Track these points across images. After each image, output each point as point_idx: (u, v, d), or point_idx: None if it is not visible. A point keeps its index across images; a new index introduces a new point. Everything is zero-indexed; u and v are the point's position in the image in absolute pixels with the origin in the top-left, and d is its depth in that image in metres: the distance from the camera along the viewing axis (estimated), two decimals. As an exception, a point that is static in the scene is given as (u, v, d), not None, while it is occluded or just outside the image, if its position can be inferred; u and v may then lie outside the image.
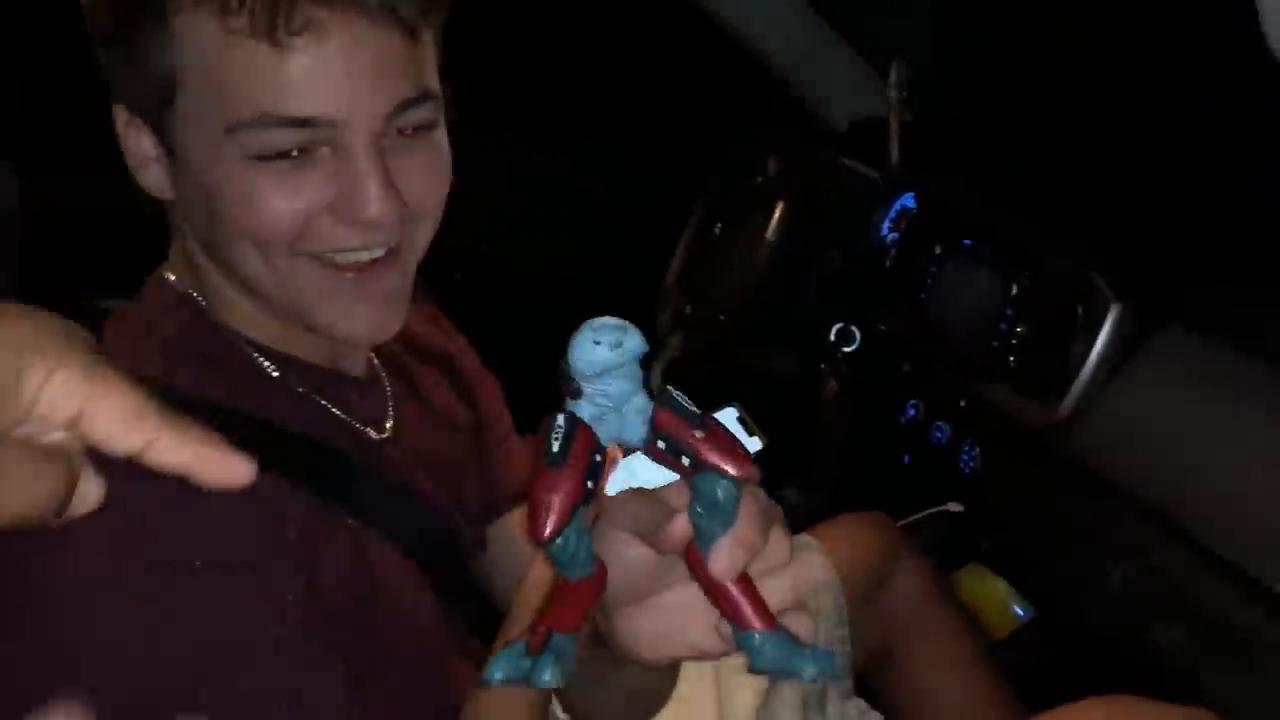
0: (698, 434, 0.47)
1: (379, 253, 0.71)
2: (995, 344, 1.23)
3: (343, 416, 0.78)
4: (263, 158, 0.66)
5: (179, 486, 0.60)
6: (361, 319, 0.72)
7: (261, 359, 0.75)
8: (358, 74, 0.65)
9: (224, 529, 0.63)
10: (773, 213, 1.55)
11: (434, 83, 0.71)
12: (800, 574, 0.49)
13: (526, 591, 0.71)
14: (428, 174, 0.71)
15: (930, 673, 1.21)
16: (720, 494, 0.46)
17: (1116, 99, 1.37)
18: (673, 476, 0.48)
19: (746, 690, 0.97)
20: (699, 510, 0.46)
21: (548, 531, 0.45)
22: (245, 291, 0.73)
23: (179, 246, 0.77)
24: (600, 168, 2.54)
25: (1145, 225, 1.24)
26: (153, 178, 0.72)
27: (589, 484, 0.46)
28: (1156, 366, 1.07)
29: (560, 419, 0.47)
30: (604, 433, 0.47)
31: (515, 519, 1.01)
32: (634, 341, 0.47)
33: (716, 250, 1.72)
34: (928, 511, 1.38)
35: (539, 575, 0.70)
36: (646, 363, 0.48)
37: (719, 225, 1.74)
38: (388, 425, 0.82)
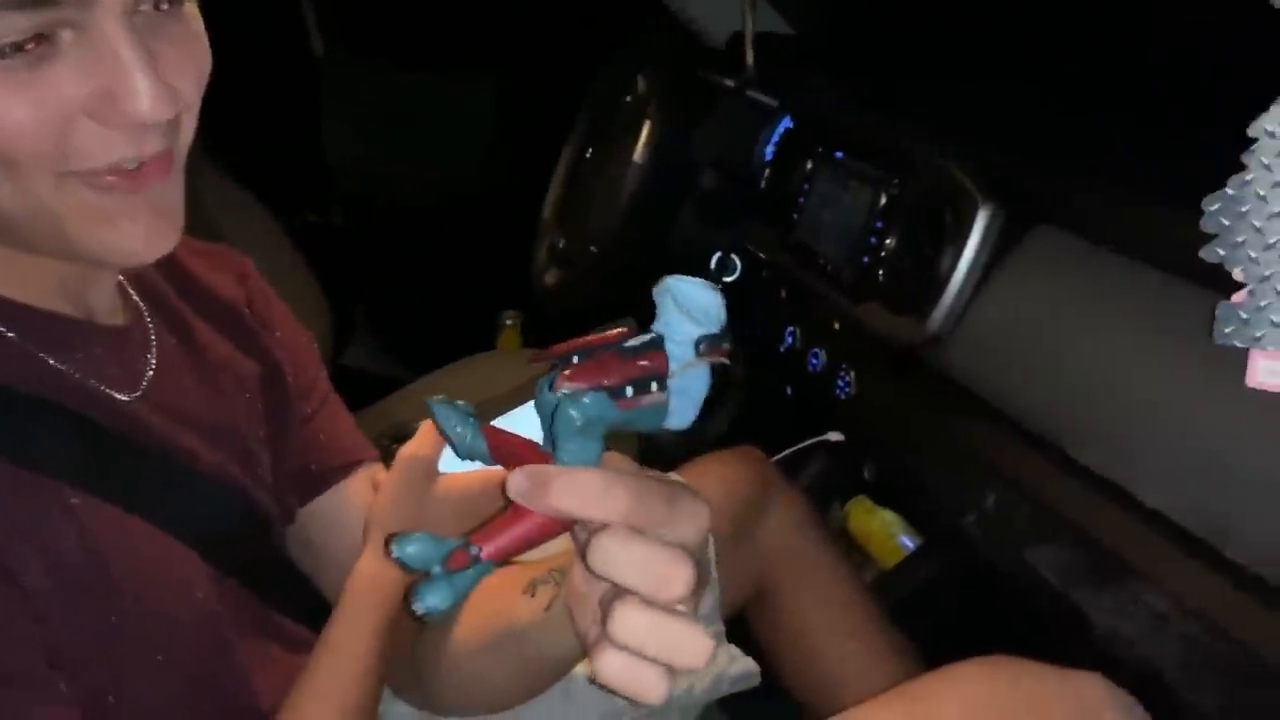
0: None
1: (150, 158, 0.59)
2: (865, 260, 1.15)
3: (74, 375, 0.66)
4: None
5: None
6: (140, 237, 0.60)
7: None
8: None
9: None
10: (639, 133, 1.45)
11: None
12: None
13: None
14: (189, 55, 0.60)
15: (806, 610, 1.15)
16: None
17: (991, 12, 1.29)
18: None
19: None
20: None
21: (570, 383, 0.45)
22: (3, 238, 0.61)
23: None
24: (479, 96, 2.41)
25: (1016, 128, 1.16)
26: None
27: (628, 390, 0.47)
28: (1028, 271, 1.00)
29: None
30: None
31: (351, 491, 0.89)
32: None
33: (587, 178, 1.62)
34: (807, 442, 1.31)
35: None
36: None
37: (590, 151, 1.64)
38: (143, 383, 0.71)
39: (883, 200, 1.14)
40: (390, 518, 0.79)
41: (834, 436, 1.30)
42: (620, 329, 0.51)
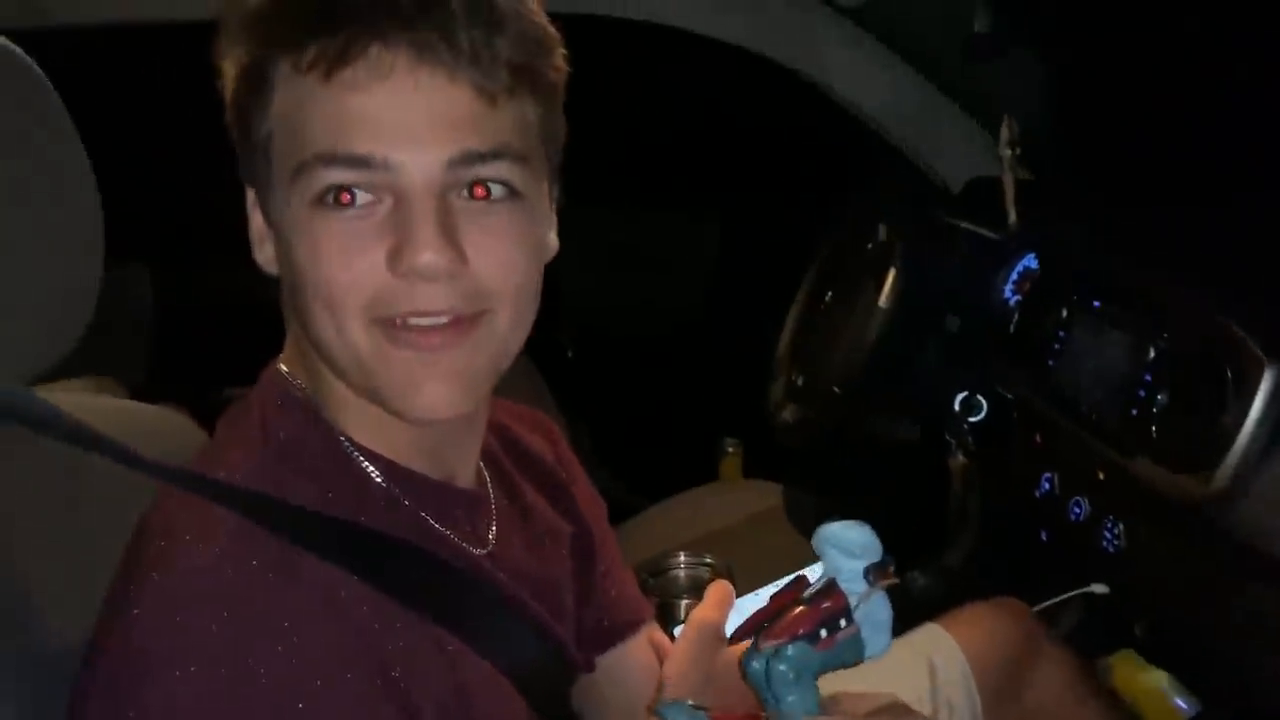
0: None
1: (442, 320, 0.67)
2: (1134, 412, 1.13)
3: (445, 531, 0.75)
4: (324, 204, 0.65)
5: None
6: (426, 393, 0.67)
7: (368, 465, 0.72)
8: (419, 117, 0.64)
9: (324, 665, 0.60)
10: (885, 279, 1.49)
11: (516, 143, 0.68)
12: None
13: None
14: (501, 241, 0.67)
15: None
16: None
17: (1239, 143, 1.27)
18: None
19: None
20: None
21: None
22: (335, 374, 0.71)
23: (291, 333, 0.76)
24: (711, 236, 2.53)
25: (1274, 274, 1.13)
26: (265, 254, 0.73)
27: (822, 631, 0.56)
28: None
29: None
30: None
31: (632, 650, 0.97)
32: None
33: (829, 319, 1.67)
34: (1070, 594, 1.27)
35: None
36: None
37: (830, 293, 1.69)
38: (490, 539, 0.79)
39: (1151, 353, 1.13)
40: (683, 678, 0.84)
41: (1098, 589, 1.26)
42: (794, 579, 0.60)
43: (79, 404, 0.73)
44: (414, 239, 0.64)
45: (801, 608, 0.57)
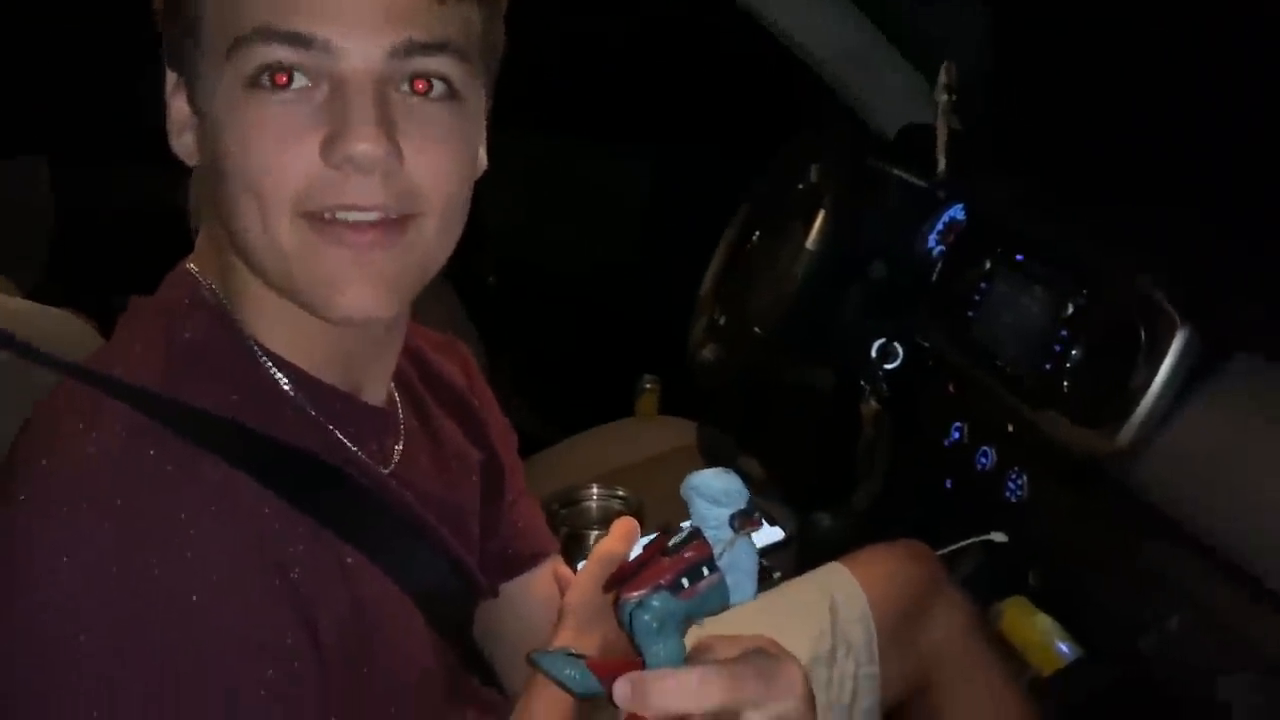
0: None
1: (372, 216, 0.64)
2: (1048, 366, 1.15)
3: (351, 446, 0.72)
4: (259, 85, 0.62)
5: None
6: (353, 294, 0.65)
7: (276, 373, 0.70)
8: (365, 1, 0.62)
9: (222, 564, 0.58)
10: (813, 221, 1.48)
11: (459, 40, 0.65)
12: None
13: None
14: (438, 144, 0.65)
15: (967, 714, 1.14)
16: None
17: (1180, 108, 1.29)
18: None
19: None
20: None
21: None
22: (253, 272, 0.68)
23: (205, 232, 0.72)
24: (639, 171, 2.49)
25: (1209, 242, 1.16)
26: (184, 143, 0.69)
27: (684, 581, 0.56)
28: (1223, 395, 0.99)
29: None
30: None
31: (535, 581, 0.96)
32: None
33: (754, 259, 1.66)
34: (970, 540, 1.31)
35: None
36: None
37: (757, 233, 1.68)
38: (394, 458, 0.77)
39: (1069, 309, 1.14)
40: (583, 607, 0.83)
41: (998, 537, 1.30)
42: (662, 530, 0.59)
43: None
44: (350, 127, 0.61)
45: (664, 559, 0.57)
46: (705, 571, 0.57)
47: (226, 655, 0.57)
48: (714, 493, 0.59)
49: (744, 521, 0.58)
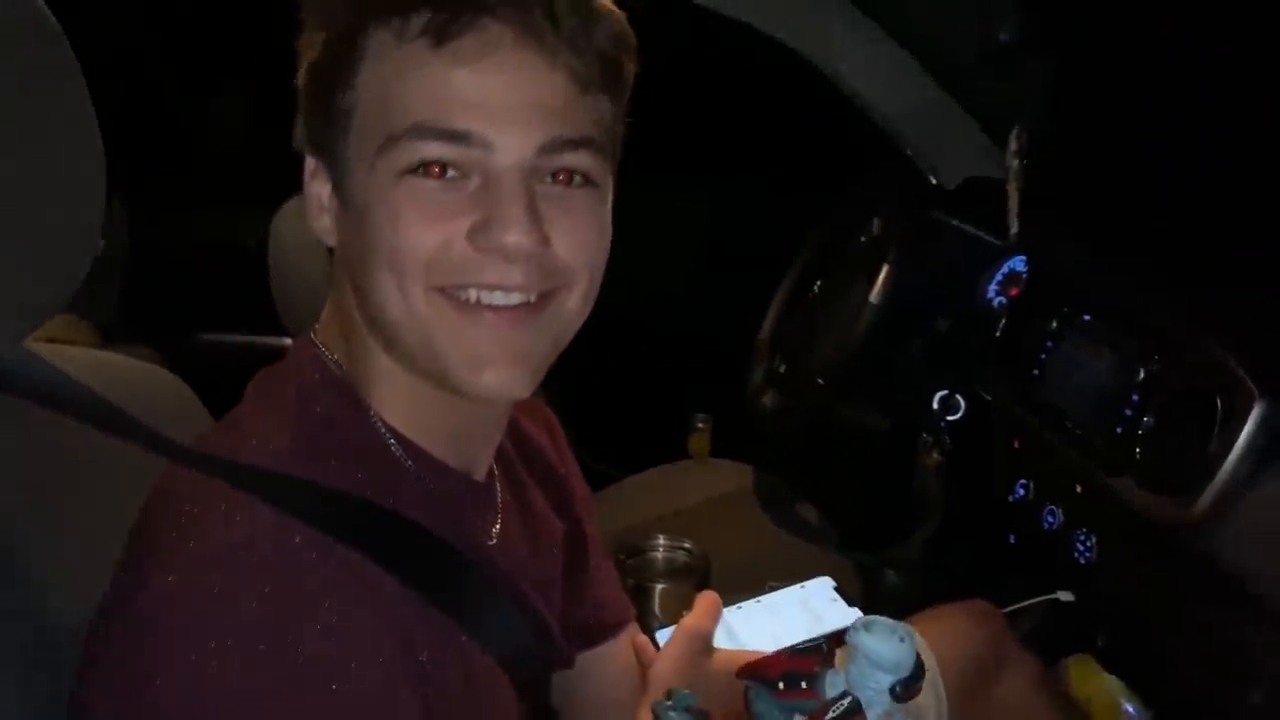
0: None
1: (516, 299, 0.67)
2: (1119, 430, 1.16)
3: (463, 523, 0.75)
4: (413, 174, 0.64)
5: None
6: (491, 371, 0.67)
7: (398, 450, 0.72)
8: (518, 99, 0.65)
9: (365, 647, 0.60)
10: (877, 273, 1.49)
11: (597, 135, 0.69)
12: None
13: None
14: (580, 227, 0.69)
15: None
16: None
17: (1246, 173, 1.29)
18: None
19: None
20: None
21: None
22: (392, 356, 0.70)
23: (332, 303, 0.75)
24: (700, 210, 2.50)
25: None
26: (324, 223, 0.72)
27: None
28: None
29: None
30: None
31: (614, 650, 0.97)
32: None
33: (815, 309, 1.67)
34: (1036, 599, 1.30)
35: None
36: None
37: (819, 282, 1.69)
38: (495, 532, 0.79)
39: (1141, 374, 1.15)
40: (671, 680, 0.85)
41: (1065, 596, 1.29)
42: (813, 658, 0.61)
43: (65, 357, 0.71)
44: (503, 217, 0.64)
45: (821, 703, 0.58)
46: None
47: None
48: (881, 659, 0.58)
49: (906, 691, 0.58)
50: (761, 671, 0.60)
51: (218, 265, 2.06)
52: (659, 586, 1.29)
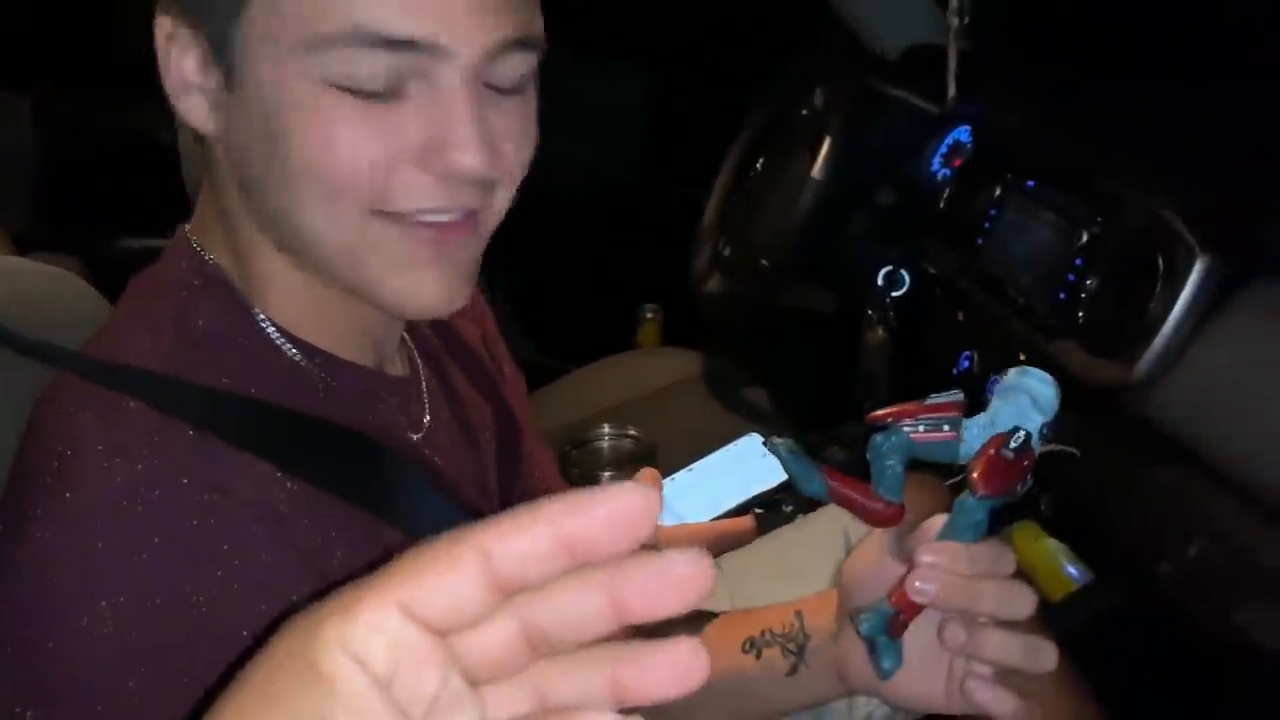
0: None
1: (458, 215, 0.62)
2: (1061, 295, 1.14)
3: (382, 419, 0.70)
4: (346, 88, 0.57)
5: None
6: (433, 290, 0.63)
7: (296, 353, 0.66)
8: None
9: (268, 588, 0.56)
10: (819, 148, 1.45)
11: (540, 32, 0.63)
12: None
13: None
14: (520, 138, 0.63)
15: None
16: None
17: (1199, 25, 1.25)
18: None
19: None
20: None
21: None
22: (288, 257, 0.64)
23: (210, 197, 0.67)
24: (638, 92, 2.42)
25: (1229, 164, 1.13)
26: (193, 106, 0.62)
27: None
28: (1243, 324, 0.98)
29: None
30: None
31: None
32: None
33: (758, 188, 1.63)
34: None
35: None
36: None
37: (760, 161, 1.65)
38: (423, 423, 0.75)
39: (1084, 237, 1.13)
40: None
41: (1008, 464, 1.30)
42: (952, 401, 0.65)
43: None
44: (457, 139, 0.58)
45: (1004, 462, 0.63)
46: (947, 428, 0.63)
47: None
48: (1045, 402, 0.62)
49: (1052, 434, 0.63)
50: (898, 416, 0.62)
51: (137, 165, 1.96)
52: (605, 474, 1.28)
